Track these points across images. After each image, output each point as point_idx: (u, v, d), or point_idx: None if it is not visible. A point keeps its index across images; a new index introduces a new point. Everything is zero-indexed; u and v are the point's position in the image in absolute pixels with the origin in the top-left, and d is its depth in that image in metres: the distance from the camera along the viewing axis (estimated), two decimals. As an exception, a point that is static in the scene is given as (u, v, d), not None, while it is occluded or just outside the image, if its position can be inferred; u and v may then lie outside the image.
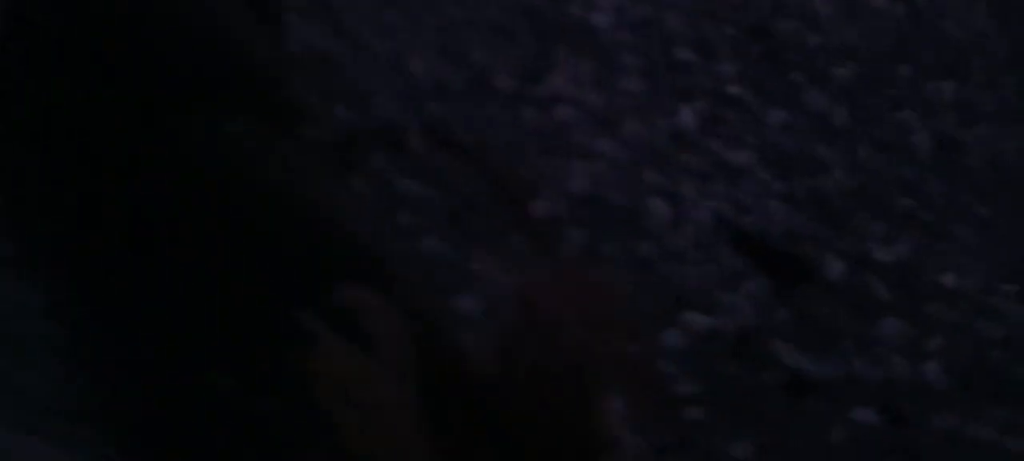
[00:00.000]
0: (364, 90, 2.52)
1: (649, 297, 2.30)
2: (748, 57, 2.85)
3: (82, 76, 1.50)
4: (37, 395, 1.39)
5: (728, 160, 2.64)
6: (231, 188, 1.43)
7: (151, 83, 1.48)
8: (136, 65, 1.48)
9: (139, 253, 1.38)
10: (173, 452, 1.32)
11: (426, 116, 2.50)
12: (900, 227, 2.57)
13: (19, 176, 1.50)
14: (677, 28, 2.86)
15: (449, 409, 1.28)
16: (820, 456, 2.15)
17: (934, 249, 2.54)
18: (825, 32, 2.93)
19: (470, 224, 2.24)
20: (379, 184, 2.30)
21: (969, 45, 2.97)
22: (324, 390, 1.22)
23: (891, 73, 2.89)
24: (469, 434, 1.27)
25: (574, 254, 2.02)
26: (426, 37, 2.70)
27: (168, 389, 1.34)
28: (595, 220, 2.43)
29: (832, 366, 2.28)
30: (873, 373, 2.28)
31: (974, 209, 2.65)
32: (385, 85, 2.56)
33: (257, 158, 1.47)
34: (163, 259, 1.38)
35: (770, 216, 2.54)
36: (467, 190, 2.31)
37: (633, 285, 2.29)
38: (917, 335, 2.36)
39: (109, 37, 1.48)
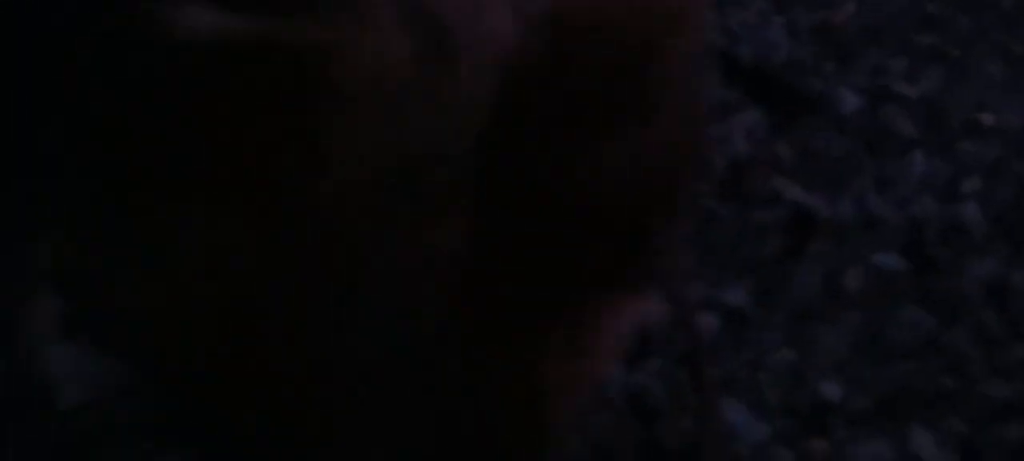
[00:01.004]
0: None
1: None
2: None
3: None
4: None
5: (718, -12, 2.23)
6: None
7: None
8: None
9: None
10: None
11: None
12: (924, 63, 2.16)
13: None
14: None
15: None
16: (831, 305, 1.73)
17: (964, 86, 2.13)
18: None
19: None
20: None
21: None
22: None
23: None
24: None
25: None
26: None
27: None
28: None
29: (846, 205, 1.87)
30: (896, 214, 1.87)
31: (1008, 46, 2.24)
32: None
33: None
34: None
35: (769, 46, 2.13)
36: None
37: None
38: (950, 174, 1.95)
39: None
